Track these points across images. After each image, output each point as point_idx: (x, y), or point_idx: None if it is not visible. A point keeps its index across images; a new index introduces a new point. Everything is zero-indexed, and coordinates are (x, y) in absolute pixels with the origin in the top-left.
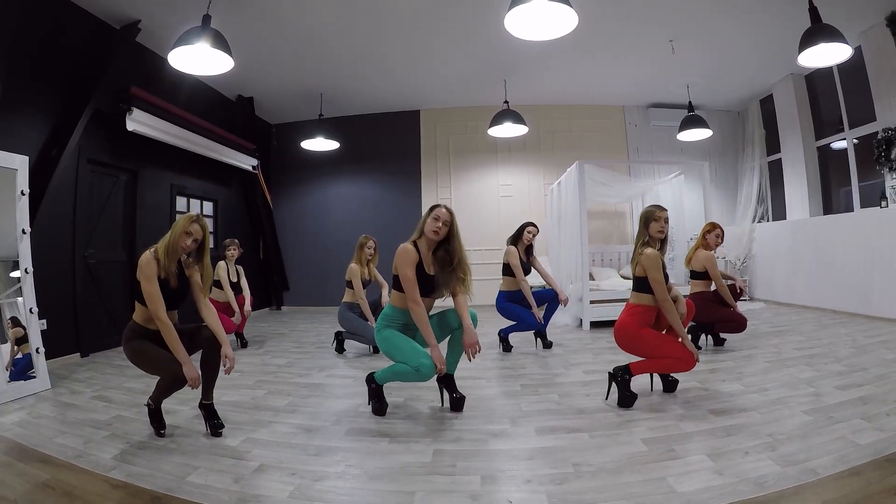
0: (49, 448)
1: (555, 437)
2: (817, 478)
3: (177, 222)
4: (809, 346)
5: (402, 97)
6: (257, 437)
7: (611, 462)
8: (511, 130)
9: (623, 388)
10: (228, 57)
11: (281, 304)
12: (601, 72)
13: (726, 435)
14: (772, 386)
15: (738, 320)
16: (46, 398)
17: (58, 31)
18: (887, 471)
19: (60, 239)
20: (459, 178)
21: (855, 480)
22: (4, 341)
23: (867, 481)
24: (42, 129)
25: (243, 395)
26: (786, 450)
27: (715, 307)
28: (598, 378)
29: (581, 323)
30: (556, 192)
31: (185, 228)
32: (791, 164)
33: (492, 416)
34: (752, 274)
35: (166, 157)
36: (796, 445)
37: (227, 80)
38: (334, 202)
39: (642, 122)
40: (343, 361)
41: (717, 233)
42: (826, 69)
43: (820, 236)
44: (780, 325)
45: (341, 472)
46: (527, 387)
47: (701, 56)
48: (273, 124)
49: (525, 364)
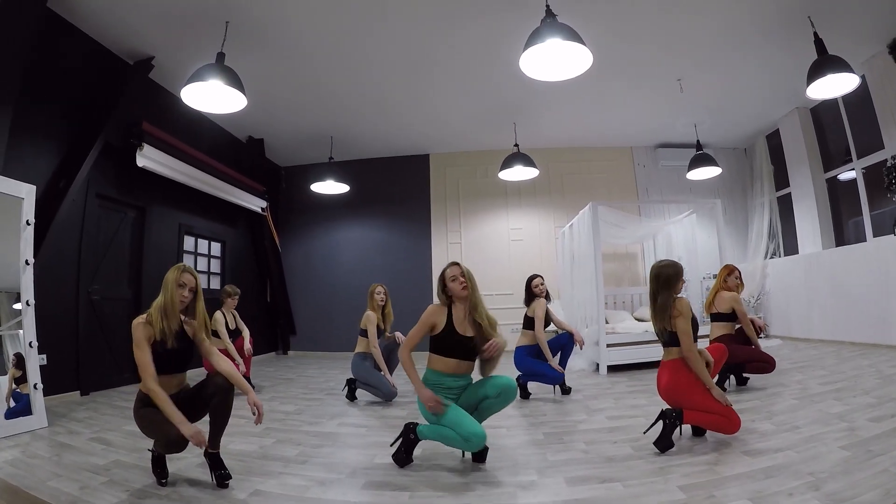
0: (42, 492)
1: (588, 489)
2: None
3: (166, 278)
4: (834, 380)
5: (411, 141)
6: (267, 489)
7: None
8: (521, 173)
9: (668, 430)
10: (241, 95)
11: (287, 349)
12: (609, 113)
13: (765, 477)
14: (803, 423)
15: (767, 359)
16: (42, 437)
17: (71, 62)
18: None
19: (65, 272)
20: (469, 222)
21: None
22: (4, 373)
23: None
24: (51, 160)
25: (251, 444)
26: (830, 488)
27: (745, 348)
28: (622, 424)
29: (598, 367)
30: (567, 234)
31: (178, 281)
32: (801, 198)
33: (517, 467)
34: (766, 310)
35: (175, 195)
36: (840, 483)
37: (237, 121)
38: (343, 246)
39: (650, 163)
40: (355, 409)
41: (736, 275)
42: (831, 101)
43: (834, 268)
44: (800, 361)
45: None
46: (550, 435)
47: (708, 93)
48: (282, 167)
49: (545, 411)
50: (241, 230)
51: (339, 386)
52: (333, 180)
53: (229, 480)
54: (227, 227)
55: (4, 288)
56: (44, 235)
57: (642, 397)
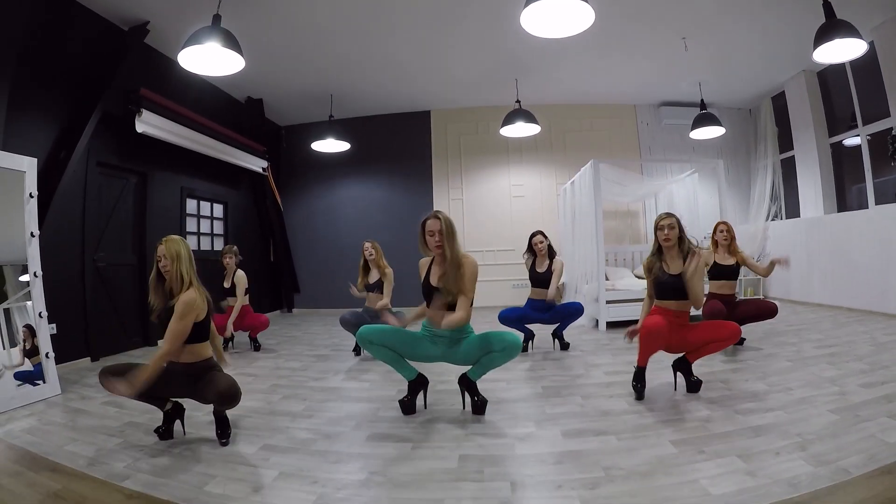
0: (59, 456)
1: (582, 441)
2: (850, 477)
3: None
4: (829, 344)
5: (412, 98)
6: (275, 443)
7: (641, 465)
8: (523, 130)
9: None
10: (239, 56)
11: (292, 307)
12: (612, 70)
13: (755, 435)
14: (796, 385)
15: (768, 306)
16: (56, 404)
17: (66, 32)
18: None
19: (70, 242)
20: (471, 179)
21: (887, 479)
22: (14, 345)
23: None
24: (50, 132)
25: (258, 400)
26: (816, 449)
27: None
28: (619, 379)
29: (597, 324)
30: (569, 191)
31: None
32: (804, 162)
33: (516, 420)
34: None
35: (176, 159)
36: (826, 445)
37: (236, 82)
38: (345, 204)
39: (654, 121)
40: (359, 364)
41: (720, 228)
42: (839, 65)
43: (835, 234)
44: (797, 324)
45: (365, 480)
46: (549, 389)
47: (713, 53)
48: (282, 126)
49: (544, 366)
50: (243, 191)
51: (343, 342)
52: (334, 138)
53: (227, 439)
54: (228, 189)
55: (11, 261)
56: (47, 207)
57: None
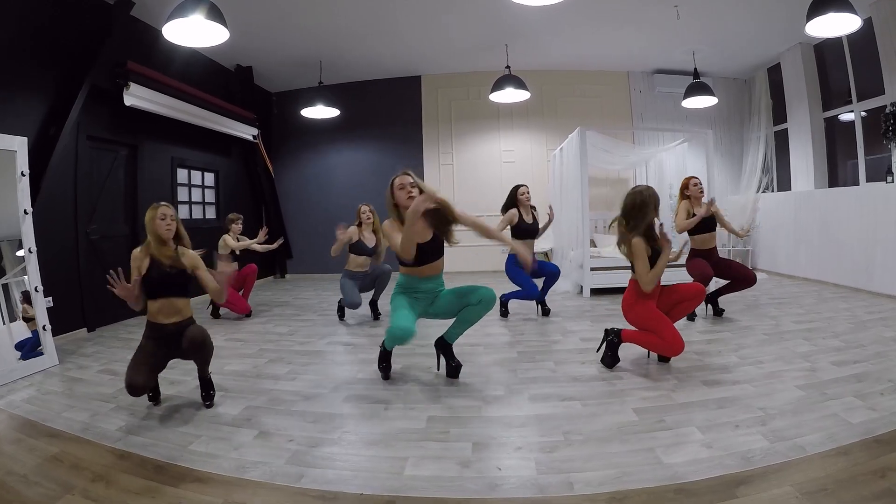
0: (57, 423)
1: (548, 405)
2: (804, 455)
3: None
4: (809, 319)
5: (402, 62)
6: (258, 404)
7: (601, 431)
8: (513, 96)
9: (609, 349)
10: (224, 28)
11: (285, 273)
12: (605, 37)
13: (718, 407)
14: (767, 359)
15: (748, 274)
16: (54, 374)
17: (51, 9)
18: (875, 452)
19: (63, 216)
20: (461, 145)
21: (841, 460)
22: (14, 319)
23: (854, 461)
24: (39, 109)
25: (245, 364)
26: (776, 425)
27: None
28: (593, 346)
29: (581, 290)
30: (558, 157)
31: (158, 215)
32: (797, 135)
33: (487, 384)
34: (755, 244)
35: (166, 129)
36: (787, 421)
37: (224, 50)
38: (336, 170)
39: (647, 89)
40: (344, 329)
41: (694, 181)
42: (836, 40)
43: (824, 209)
44: (780, 297)
45: (337, 439)
46: (524, 354)
47: (707, 23)
48: (273, 93)
49: (523, 331)
50: (234, 159)
51: (333, 307)
52: (323, 105)
53: (210, 402)
54: (219, 157)
55: (7, 236)
56: (39, 184)
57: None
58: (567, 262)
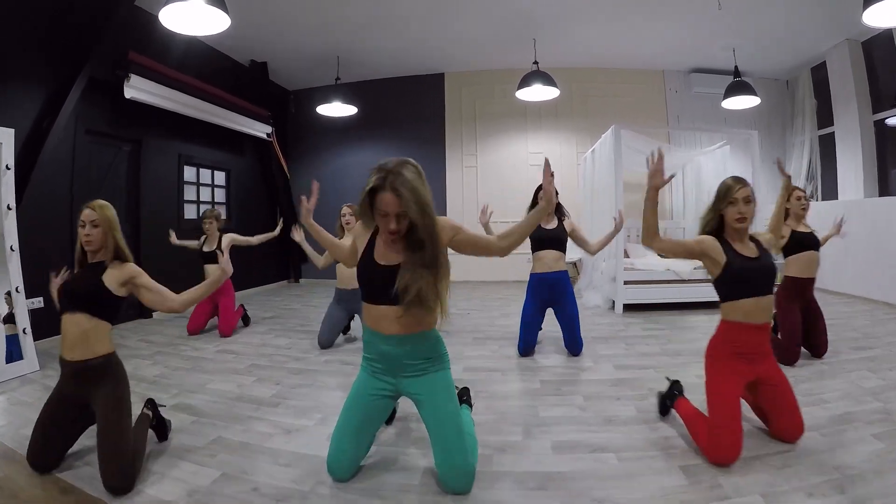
0: (15, 439)
1: (574, 458)
2: None
3: None
4: (868, 346)
5: (424, 59)
6: (229, 436)
7: (642, 500)
8: (540, 93)
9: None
10: (225, 15)
11: (299, 277)
12: (639, 32)
13: (783, 466)
14: (832, 397)
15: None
16: (33, 380)
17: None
18: None
19: (56, 213)
20: (486, 145)
21: None
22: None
23: None
24: (36, 101)
25: (230, 383)
26: (858, 492)
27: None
28: (629, 376)
29: (613, 305)
30: (589, 160)
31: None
32: (845, 139)
33: (501, 423)
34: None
35: (172, 124)
36: (871, 486)
37: (238, 45)
38: (353, 170)
39: (683, 89)
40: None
41: (797, 195)
42: (886, 34)
43: (875, 220)
44: (829, 318)
45: (308, 492)
46: (547, 384)
47: (749, 16)
48: (291, 91)
49: (547, 352)
50: (248, 157)
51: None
52: (340, 102)
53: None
54: (231, 156)
55: None
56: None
57: (656, 344)
58: (598, 273)
